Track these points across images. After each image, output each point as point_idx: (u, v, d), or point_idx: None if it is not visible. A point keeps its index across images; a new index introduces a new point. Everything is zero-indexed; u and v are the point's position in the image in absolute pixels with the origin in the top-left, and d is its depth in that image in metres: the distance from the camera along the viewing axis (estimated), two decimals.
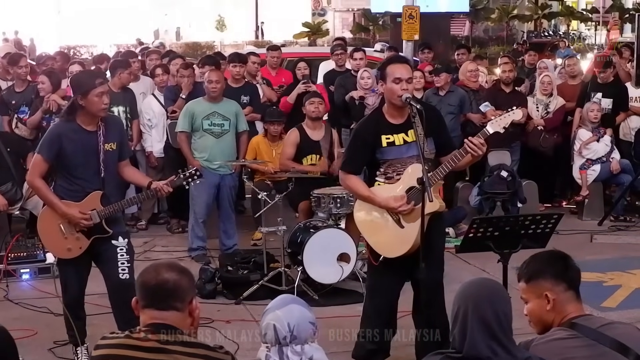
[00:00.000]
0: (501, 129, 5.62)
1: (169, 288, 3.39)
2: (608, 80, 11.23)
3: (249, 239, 9.70)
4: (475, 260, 8.24)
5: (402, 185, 5.53)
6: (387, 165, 5.57)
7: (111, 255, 6.01)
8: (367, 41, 34.04)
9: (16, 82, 10.27)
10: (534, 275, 3.70)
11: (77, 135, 5.88)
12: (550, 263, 3.72)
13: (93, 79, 5.95)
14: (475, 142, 5.40)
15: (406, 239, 5.50)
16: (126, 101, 10.06)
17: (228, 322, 7.11)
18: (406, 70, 5.58)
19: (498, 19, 41.74)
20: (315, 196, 8.24)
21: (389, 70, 5.55)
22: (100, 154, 5.90)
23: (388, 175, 5.57)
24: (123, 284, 5.94)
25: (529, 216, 5.51)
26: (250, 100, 10.27)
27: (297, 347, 3.90)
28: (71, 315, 6.12)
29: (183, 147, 9.06)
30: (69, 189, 5.97)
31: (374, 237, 5.65)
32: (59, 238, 6.00)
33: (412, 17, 13.37)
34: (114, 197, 6.07)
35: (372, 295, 5.78)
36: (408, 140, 5.54)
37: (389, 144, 5.54)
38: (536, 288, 3.68)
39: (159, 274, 3.41)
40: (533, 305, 3.70)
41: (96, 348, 3.45)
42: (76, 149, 5.86)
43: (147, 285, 3.41)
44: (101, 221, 5.97)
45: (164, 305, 3.38)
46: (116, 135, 6.06)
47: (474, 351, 3.31)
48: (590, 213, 10.80)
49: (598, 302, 7.31)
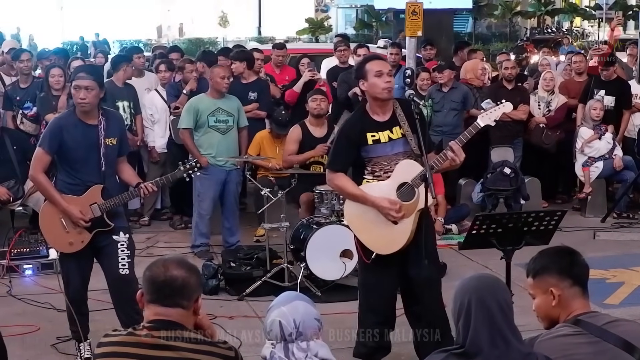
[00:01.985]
0: (492, 122, 5.67)
1: (177, 285, 3.38)
2: (611, 78, 11.21)
3: (252, 235, 9.71)
4: (478, 257, 8.24)
5: (392, 182, 5.51)
6: (373, 163, 5.55)
7: (112, 250, 6.02)
8: (370, 37, 34.00)
9: (20, 78, 10.26)
10: (540, 270, 3.70)
11: (78, 129, 5.89)
12: (556, 259, 3.72)
13: (77, 72, 6.00)
14: (454, 148, 5.42)
15: (399, 235, 5.49)
16: (130, 96, 10.06)
17: (231, 318, 7.12)
18: (385, 65, 5.63)
19: (501, 16, 41.62)
20: (318, 192, 8.24)
21: (368, 67, 5.56)
22: (101, 148, 5.91)
23: (376, 174, 5.56)
24: (123, 279, 5.98)
25: (532, 213, 5.51)
26: (258, 97, 10.24)
27: (303, 344, 3.90)
28: (74, 310, 6.11)
29: (188, 143, 8.98)
30: (70, 183, 5.97)
31: (365, 234, 5.61)
32: (60, 232, 5.99)
33: (416, 14, 13.33)
34: (115, 191, 6.07)
35: (367, 293, 5.76)
36: (393, 137, 5.54)
37: (374, 141, 5.53)
38: (542, 283, 3.68)
39: (168, 270, 3.40)
40: (539, 300, 3.71)
41: (99, 346, 3.44)
42: (77, 143, 5.87)
43: (155, 280, 3.39)
44: (102, 214, 5.97)
45: (170, 302, 3.37)
46: (116, 131, 6.07)
47: (476, 343, 3.31)
48: (593, 210, 10.79)
49: (601, 299, 7.32)
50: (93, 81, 5.87)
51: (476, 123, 5.63)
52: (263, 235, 8.93)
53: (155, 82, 10.74)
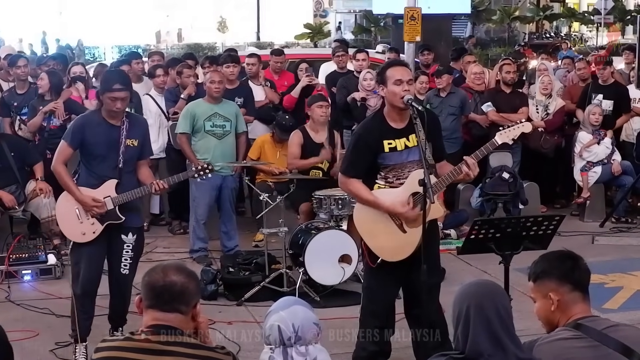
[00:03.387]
0: (510, 141, 5.70)
1: (176, 291, 3.39)
2: (608, 80, 11.22)
3: (251, 240, 9.70)
4: (477, 261, 8.24)
5: (405, 190, 5.51)
6: (387, 170, 5.54)
7: (118, 249, 6.29)
8: (368, 42, 34.00)
9: (17, 84, 10.25)
10: (540, 275, 3.70)
11: (100, 127, 6.19)
12: (557, 263, 3.71)
13: (113, 82, 6.15)
14: (469, 163, 5.44)
15: (408, 243, 5.49)
16: (132, 102, 10.02)
17: (229, 323, 7.10)
18: (406, 72, 5.58)
19: (499, 21, 41.66)
20: (317, 197, 8.23)
21: (389, 74, 5.52)
22: (120, 147, 6.17)
23: (388, 180, 5.55)
24: (121, 277, 6.29)
25: (530, 218, 5.52)
26: (244, 102, 10.21)
27: (302, 348, 3.91)
28: (77, 306, 6.20)
29: (185, 148, 9.02)
30: (89, 177, 6.28)
31: (374, 241, 5.60)
32: (74, 222, 6.26)
33: (414, 19, 13.35)
34: (130, 188, 6.28)
35: (370, 297, 5.76)
36: (409, 145, 5.53)
37: (390, 149, 5.51)
38: (542, 288, 3.68)
39: (167, 276, 3.41)
40: (539, 304, 3.71)
41: (96, 351, 3.44)
42: (98, 141, 6.16)
43: (154, 285, 3.40)
44: (115, 208, 6.19)
45: (169, 307, 3.38)
46: (139, 134, 6.31)
47: (476, 349, 3.31)
48: (592, 215, 10.80)
49: (599, 304, 7.32)
50: (127, 92, 6.19)
51: (494, 140, 5.63)
52: (262, 240, 8.93)
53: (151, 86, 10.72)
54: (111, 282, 6.38)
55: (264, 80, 11.07)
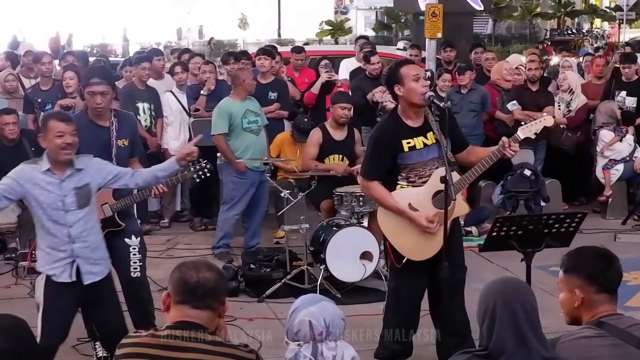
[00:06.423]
0: (532, 135, 5.69)
1: (210, 287, 3.39)
2: (632, 77, 11.15)
3: (271, 237, 9.71)
4: (498, 259, 8.22)
5: (428, 188, 5.50)
6: (408, 170, 5.53)
7: (123, 254, 6.10)
8: (389, 39, 33.94)
9: (41, 80, 10.31)
10: (570, 268, 3.65)
11: (89, 130, 5.92)
12: (590, 261, 3.65)
13: (90, 77, 5.98)
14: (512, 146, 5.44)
15: (433, 242, 5.49)
16: (150, 99, 10.07)
17: (251, 319, 7.11)
18: (420, 69, 5.60)
19: (521, 17, 41.53)
20: (337, 194, 8.23)
21: (403, 72, 5.48)
22: (112, 149, 5.97)
23: (410, 179, 5.54)
24: (134, 281, 6.13)
25: (552, 215, 5.49)
26: (278, 96, 10.22)
27: (332, 344, 3.92)
28: None
29: (224, 148, 8.82)
30: None
31: (399, 240, 5.60)
32: None
33: (435, 15, 13.31)
34: (126, 192, 6.08)
35: (397, 297, 5.75)
36: (428, 143, 5.52)
37: (410, 148, 5.49)
38: (569, 282, 3.65)
39: (201, 272, 3.40)
40: (564, 296, 3.68)
41: (120, 347, 3.44)
42: (88, 144, 5.76)
43: (187, 281, 3.39)
44: (114, 214, 6.04)
45: (202, 304, 3.37)
46: (128, 132, 6.13)
47: (500, 345, 3.30)
48: (614, 212, 10.75)
49: (622, 302, 7.20)
50: (107, 86, 5.94)
51: (516, 135, 5.61)
52: (283, 237, 8.93)
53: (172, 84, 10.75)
54: (125, 292, 6.17)
55: (286, 77, 11.08)
